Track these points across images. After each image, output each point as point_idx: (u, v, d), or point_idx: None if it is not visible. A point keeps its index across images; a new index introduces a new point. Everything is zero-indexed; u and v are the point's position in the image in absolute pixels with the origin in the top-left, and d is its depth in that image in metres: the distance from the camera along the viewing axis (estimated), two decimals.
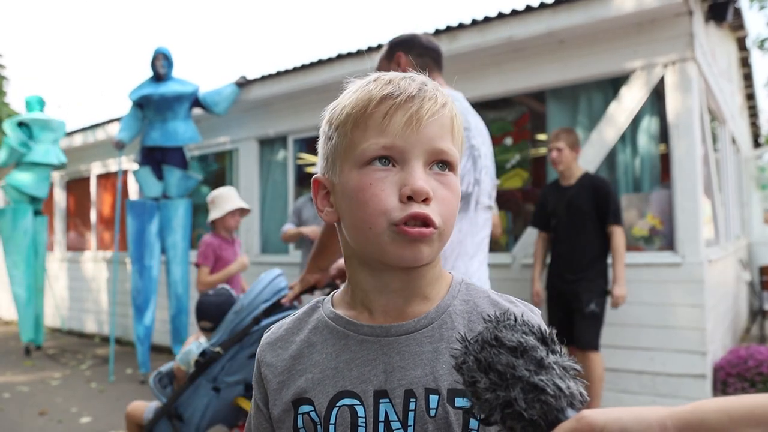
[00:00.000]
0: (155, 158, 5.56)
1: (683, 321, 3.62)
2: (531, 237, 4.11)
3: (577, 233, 3.50)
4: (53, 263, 8.46)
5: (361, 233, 0.68)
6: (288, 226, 4.27)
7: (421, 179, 0.65)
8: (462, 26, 4.26)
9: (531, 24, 3.97)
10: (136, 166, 5.83)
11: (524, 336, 0.53)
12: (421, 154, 0.67)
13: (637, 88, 3.87)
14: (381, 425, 0.68)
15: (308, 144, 5.73)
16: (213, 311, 2.62)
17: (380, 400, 0.68)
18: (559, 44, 4.11)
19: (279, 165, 5.89)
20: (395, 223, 0.65)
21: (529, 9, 3.97)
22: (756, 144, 9.30)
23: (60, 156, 6.73)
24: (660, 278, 3.72)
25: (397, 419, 0.67)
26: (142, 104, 5.56)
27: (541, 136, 4.61)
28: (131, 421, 2.63)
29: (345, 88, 0.74)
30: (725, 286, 4.87)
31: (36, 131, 6.56)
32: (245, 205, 3.69)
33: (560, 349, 0.54)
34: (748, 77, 7.24)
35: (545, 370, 0.51)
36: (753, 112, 8.40)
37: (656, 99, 3.91)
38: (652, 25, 3.79)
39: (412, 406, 0.67)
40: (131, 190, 7.16)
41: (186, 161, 5.71)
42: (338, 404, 0.69)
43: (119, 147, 5.46)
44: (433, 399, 0.67)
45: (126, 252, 6.54)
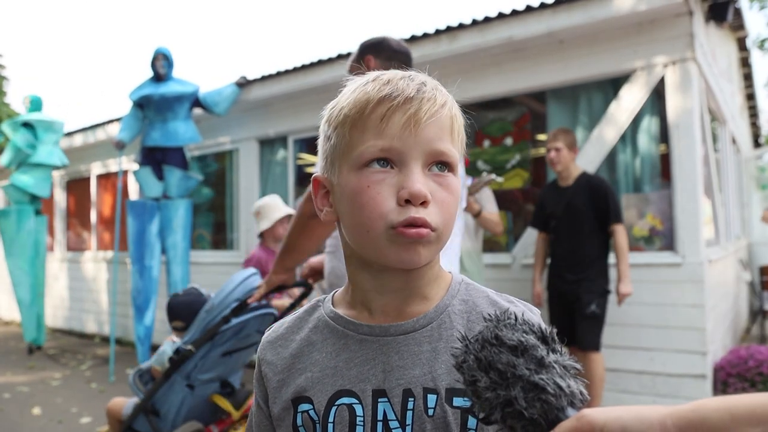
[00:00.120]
0: (155, 158, 5.57)
1: (683, 321, 3.62)
2: (531, 237, 4.11)
3: (577, 233, 3.50)
4: (53, 263, 8.45)
5: (360, 235, 0.68)
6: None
7: (419, 182, 0.65)
8: (462, 26, 4.25)
9: (531, 24, 3.97)
10: (137, 167, 5.82)
11: (524, 335, 0.53)
12: (420, 156, 0.66)
13: (638, 89, 3.86)
14: (379, 424, 0.68)
15: (308, 144, 5.73)
16: (183, 311, 2.67)
17: (379, 400, 0.68)
18: (559, 44, 4.11)
19: (279, 165, 5.89)
20: (393, 226, 0.64)
21: (529, 9, 3.97)
22: (756, 144, 9.30)
23: (62, 157, 6.75)
24: (660, 278, 3.72)
25: (396, 418, 0.67)
26: (143, 104, 5.56)
27: (542, 136, 4.61)
28: (112, 417, 2.69)
29: (344, 86, 0.73)
30: (725, 287, 4.87)
31: (40, 132, 6.56)
32: (291, 210, 3.60)
33: (560, 348, 0.54)
34: (749, 77, 7.24)
35: (546, 369, 0.50)
36: (753, 113, 8.40)
37: (656, 99, 3.91)
38: (653, 25, 3.79)
39: (411, 406, 0.67)
40: (131, 190, 7.15)
41: (186, 161, 5.71)
42: (337, 403, 0.69)
43: (119, 147, 5.47)
44: (432, 398, 0.67)
45: (126, 252, 6.54)
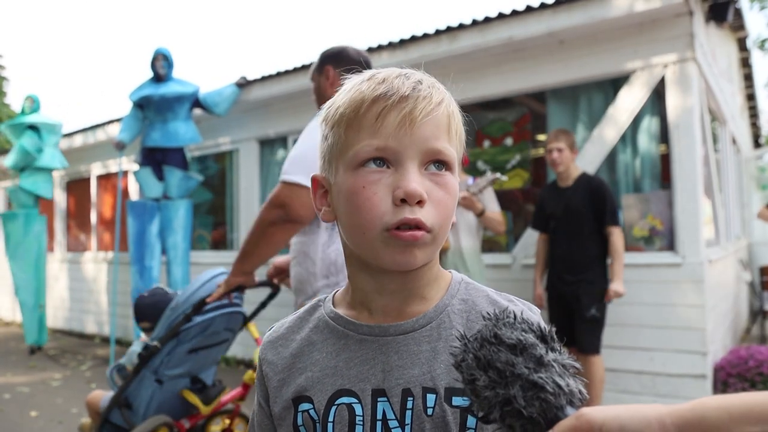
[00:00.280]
0: (156, 159, 5.57)
1: (683, 321, 3.61)
2: (531, 237, 4.10)
3: (576, 234, 3.50)
4: (53, 264, 8.45)
5: (356, 236, 0.68)
6: None
7: (415, 181, 0.64)
8: (462, 26, 4.26)
9: (531, 24, 3.97)
10: (137, 167, 5.83)
11: (523, 334, 0.53)
12: (416, 155, 0.65)
13: (638, 89, 3.86)
14: (379, 424, 0.68)
15: None
16: (149, 312, 2.74)
17: (378, 399, 0.68)
18: (559, 44, 4.11)
19: (279, 165, 5.89)
20: (387, 228, 0.64)
21: (529, 9, 3.97)
22: (756, 144, 9.30)
23: (62, 160, 6.78)
24: (660, 278, 3.72)
25: (395, 418, 0.68)
26: (143, 105, 5.56)
27: (542, 137, 4.61)
28: (91, 409, 2.81)
29: (342, 85, 0.73)
30: (725, 287, 4.86)
31: (44, 135, 6.56)
32: None
33: (559, 347, 0.54)
34: (749, 78, 7.24)
35: (544, 368, 0.50)
36: (753, 113, 8.40)
37: (656, 99, 3.91)
38: (653, 26, 3.79)
39: (410, 405, 0.67)
40: (131, 191, 7.15)
41: (186, 162, 5.72)
42: (337, 402, 0.69)
43: (120, 148, 5.47)
44: (431, 398, 0.67)
45: (126, 253, 6.54)
